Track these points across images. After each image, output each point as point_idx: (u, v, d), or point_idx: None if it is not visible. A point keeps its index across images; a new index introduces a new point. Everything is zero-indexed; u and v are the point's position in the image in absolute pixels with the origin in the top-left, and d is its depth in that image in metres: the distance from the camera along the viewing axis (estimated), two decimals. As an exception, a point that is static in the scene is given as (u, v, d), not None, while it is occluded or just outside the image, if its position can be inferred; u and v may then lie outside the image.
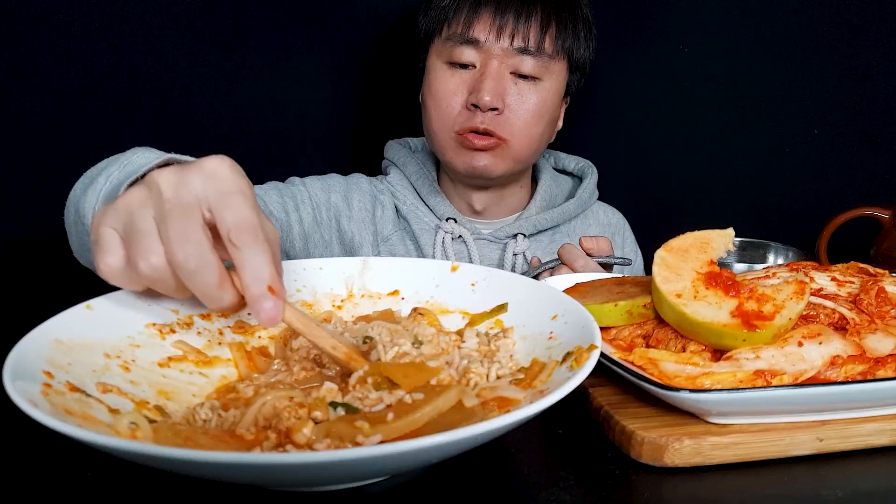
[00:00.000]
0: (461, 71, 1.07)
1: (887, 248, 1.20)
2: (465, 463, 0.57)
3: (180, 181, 0.51)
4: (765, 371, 0.60)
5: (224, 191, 0.51)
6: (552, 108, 1.12)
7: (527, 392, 0.57)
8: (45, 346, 0.56)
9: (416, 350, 0.61)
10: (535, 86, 1.08)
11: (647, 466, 0.58)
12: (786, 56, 1.46)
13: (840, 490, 0.55)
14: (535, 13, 1.05)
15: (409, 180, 1.20)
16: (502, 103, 1.06)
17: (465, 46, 1.06)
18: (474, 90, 1.05)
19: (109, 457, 0.47)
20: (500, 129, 1.07)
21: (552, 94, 1.10)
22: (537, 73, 1.07)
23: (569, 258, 0.96)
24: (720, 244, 0.71)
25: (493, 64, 1.05)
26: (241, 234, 0.50)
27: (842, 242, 1.24)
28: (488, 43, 1.05)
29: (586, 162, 1.28)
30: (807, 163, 1.51)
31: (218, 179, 0.51)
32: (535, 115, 1.08)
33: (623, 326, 0.70)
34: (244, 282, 0.51)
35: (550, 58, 1.07)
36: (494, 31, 1.04)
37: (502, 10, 1.04)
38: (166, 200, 0.51)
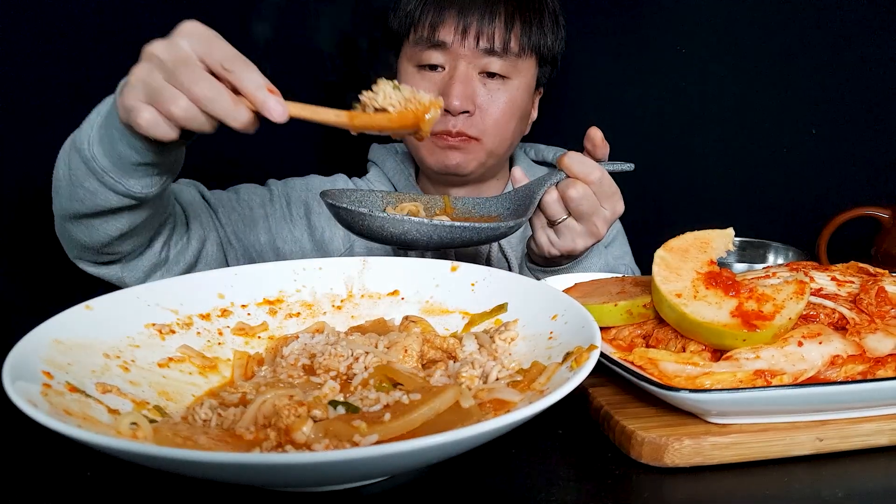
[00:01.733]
0: (430, 73, 1.08)
1: (887, 248, 1.20)
2: (465, 463, 0.57)
3: (170, 45, 0.65)
4: (765, 371, 0.60)
5: (205, 38, 0.65)
6: (523, 104, 1.12)
7: (524, 395, 0.57)
8: (45, 346, 0.56)
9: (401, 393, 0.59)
10: (504, 84, 1.08)
11: (647, 466, 0.58)
12: (786, 56, 1.46)
13: (840, 490, 0.55)
14: (499, 13, 1.04)
15: (387, 177, 1.22)
16: (472, 105, 1.06)
17: (433, 50, 1.06)
18: (443, 94, 1.05)
19: (109, 457, 0.47)
20: (472, 129, 1.08)
21: (522, 91, 1.11)
22: (505, 71, 1.07)
23: (583, 171, 0.86)
24: (720, 244, 0.71)
25: (460, 66, 1.05)
26: (231, 62, 0.65)
27: (842, 242, 1.24)
28: (454, 45, 1.05)
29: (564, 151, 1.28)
30: (807, 163, 1.51)
31: (197, 35, 0.66)
32: (505, 114, 1.09)
33: (623, 326, 0.70)
34: (248, 92, 0.65)
35: (518, 56, 1.07)
36: (459, 33, 1.04)
37: (466, 11, 1.04)
38: (166, 61, 0.65)
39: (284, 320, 0.73)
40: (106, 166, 0.76)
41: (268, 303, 0.74)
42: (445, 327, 0.73)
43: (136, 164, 0.75)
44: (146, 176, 0.78)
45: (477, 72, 1.07)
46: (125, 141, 0.73)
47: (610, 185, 0.88)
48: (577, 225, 0.89)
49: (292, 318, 0.74)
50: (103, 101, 0.78)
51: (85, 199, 0.79)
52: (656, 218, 1.49)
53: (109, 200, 0.78)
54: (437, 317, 0.73)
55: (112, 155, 0.75)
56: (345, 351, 0.63)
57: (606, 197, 0.87)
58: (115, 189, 0.77)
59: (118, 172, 0.76)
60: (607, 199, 0.88)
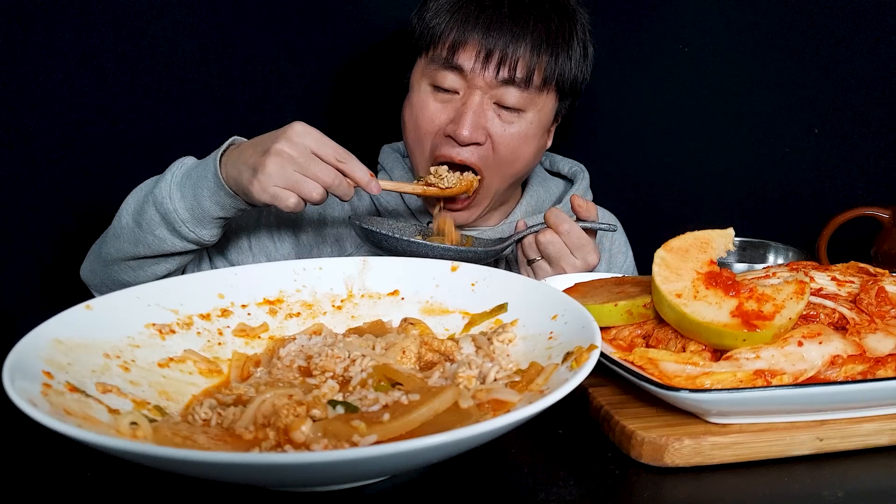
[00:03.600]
0: (444, 95, 1.03)
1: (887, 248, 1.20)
2: (465, 463, 0.57)
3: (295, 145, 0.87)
4: (765, 371, 0.60)
5: (317, 138, 0.88)
6: (535, 139, 1.06)
7: (522, 395, 0.57)
8: (45, 346, 0.56)
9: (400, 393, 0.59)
10: (518, 118, 1.03)
11: (647, 466, 0.58)
12: (786, 56, 1.46)
13: (840, 490, 0.55)
14: (526, 42, 0.99)
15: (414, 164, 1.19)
16: (483, 136, 1.02)
17: (449, 72, 1.01)
18: (454, 121, 1.01)
19: (109, 457, 0.47)
20: (478, 160, 1.03)
21: (536, 126, 1.04)
22: (522, 104, 1.01)
23: (555, 221, 0.95)
24: (720, 244, 0.71)
25: (475, 96, 1.00)
26: (342, 156, 0.90)
27: (842, 242, 1.23)
28: (473, 72, 0.99)
29: (580, 166, 1.25)
30: (807, 163, 1.51)
31: (311, 134, 0.88)
32: (515, 149, 1.04)
33: (623, 326, 0.70)
34: (356, 177, 0.90)
35: (538, 89, 1.01)
36: (481, 59, 0.98)
37: (492, 37, 0.97)
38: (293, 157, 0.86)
39: (285, 320, 0.73)
40: (185, 218, 0.92)
41: (268, 303, 0.74)
42: (445, 327, 0.73)
43: (216, 218, 0.93)
44: (217, 227, 0.95)
45: (492, 101, 1.01)
46: (214, 200, 0.90)
47: (579, 237, 0.96)
48: (547, 266, 0.98)
49: (292, 318, 0.74)
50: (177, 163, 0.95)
51: (152, 243, 0.94)
52: (656, 218, 1.49)
53: (175, 245, 0.94)
54: (437, 317, 0.73)
55: (195, 210, 0.91)
56: (342, 353, 0.63)
57: (576, 247, 0.96)
58: (186, 237, 0.93)
59: (194, 223, 0.92)
60: (577, 249, 0.96)
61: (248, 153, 0.88)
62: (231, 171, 0.89)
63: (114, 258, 0.98)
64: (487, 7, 0.99)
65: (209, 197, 0.90)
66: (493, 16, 0.99)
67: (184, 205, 0.91)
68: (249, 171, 0.87)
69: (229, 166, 0.90)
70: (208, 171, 0.90)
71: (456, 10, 1.00)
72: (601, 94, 1.45)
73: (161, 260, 0.97)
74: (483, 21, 0.99)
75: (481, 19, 0.99)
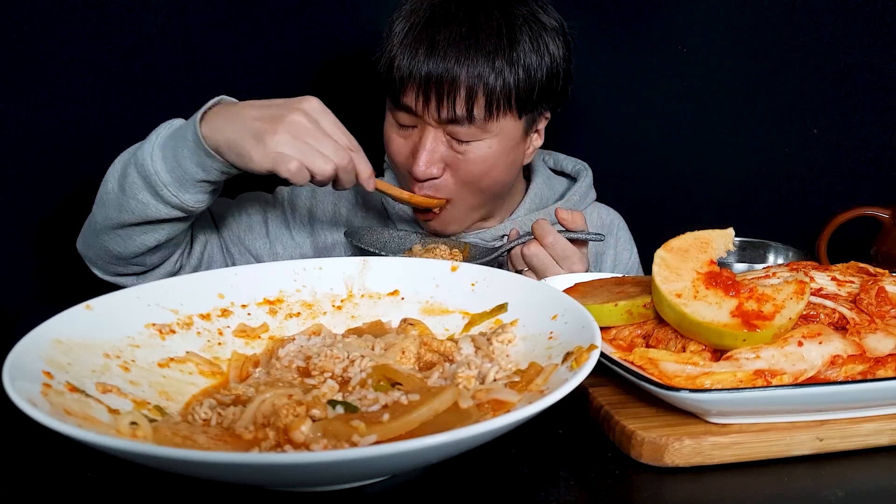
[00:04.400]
0: (405, 131, 1.05)
1: (887, 248, 1.20)
2: (465, 463, 0.57)
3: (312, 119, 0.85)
4: (765, 371, 0.60)
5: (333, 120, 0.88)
6: (502, 158, 1.05)
7: (522, 395, 0.57)
8: (45, 346, 0.56)
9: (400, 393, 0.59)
10: (476, 145, 1.02)
11: (647, 466, 0.58)
12: (787, 56, 1.46)
13: (840, 490, 0.55)
14: (459, 86, 0.97)
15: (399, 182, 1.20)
16: (440, 169, 1.02)
17: (401, 111, 1.03)
18: (412, 156, 1.02)
19: (109, 457, 0.47)
20: (439, 192, 1.04)
21: (499, 147, 1.03)
22: (474, 136, 1.01)
23: (540, 233, 0.95)
24: (720, 244, 0.71)
25: (428, 133, 1.01)
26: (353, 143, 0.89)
27: (842, 242, 1.24)
28: (420, 111, 1.00)
29: (583, 164, 1.26)
30: (807, 163, 1.51)
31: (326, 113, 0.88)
32: (477, 173, 1.03)
33: (623, 326, 0.70)
34: (361, 169, 0.90)
35: (486, 120, 1.00)
36: (422, 100, 0.99)
37: (425, 84, 0.98)
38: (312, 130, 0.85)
39: (285, 320, 0.73)
40: (167, 180, 0.87)
41: (268, 303, 0.74)
42: (445, 327, 0.73)
43: (198, 181, 0.88)
44: (201, 192, 0.90)
45: (445, 134, 1.02)
46: (196, 160, 0.86)
47: (564, 248, 0.95)
48: (534, 276, 0.97)
49: (292, 318, 0.74)
50: (164, 125, 0.91)
51: (135, 209, 0.90)
52: (656, 218, 1.49)
53: (160, 212, 0.90)
54: (437, 317, 0.74)
55: (176, 171, 0.87)
56: (341, 353, 0.63)
57: (561, 258, 0.95)
58: (169, 202, 0.89)
59: (177, 186, 0.88)
60: (562, 260, 0.95)
61: (252, 117, 0.84)
62: (225, 132, 0.84)
63: (102, 227, 0.95)
64: (423, 39, 0.99)
65: (189, 157, 0.86)
66: (428, 49, 0.98)
67: (165, 166, 0.87)
68: (253, 137, 0.83)
69: (221, 126, 0.84)
70: (188, 131, 0.86)
71: (399, 50, 1.00)
72: (601, 95, 1.46)
73: (149, 228, 0.93)
74: (419, 60, 0.98)
75: (417, 59, 0.98)
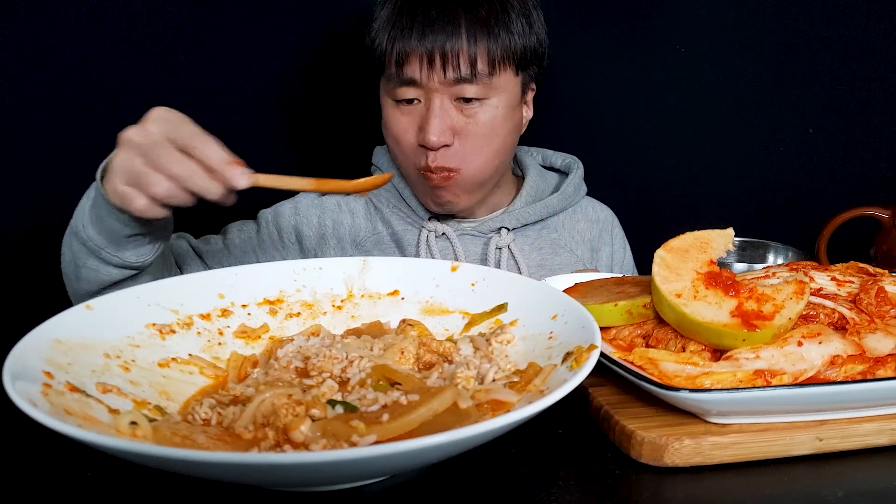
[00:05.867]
0: (408, 107, 1.05)
1: (887, 248, 1.20)
2: (465, 463, 0.57)
3: (142, 130, 0.72)
4: (765, 371, 0.60)
5: (172, 121, 0.72)
6: (507, 120, 1.08)
7: (521, 395, 0.57)
8: (45, 346, 0.56)
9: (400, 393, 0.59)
10: (482, 106, 1.05)
11: (647, 466, 0.58)
12: (785, 55, 1.46)
13: (840, 490, 0.55)
14: (461, 36, 1.00)
15: (392, 183, 1.19)
16: (451, 137, 1.04)
17: (404, 86, 1.04)
18: (421, 129, 1.04)
19: (109, 457, 0.47)
20: (451, 161, 1.05)
21: (503, 108, 1.06)
22: (482, 94, 1.03)
23: None
24: (720, 244, 0.71)
25: (434, 100, 1.02)
26: (194, 140, 0.71)
27: (842, 242, 1.23)
28: (424, 79, 1.02)
29: (573, 158, 1.26)
30: (807, 163, 1.51)
31: (164, 118, 0.73)
32: (486, 137, 1.06)
33: (623, 326, 0.70)
34: (213, 165, 0.71)
35: (489, 76, 1.03)
36: (426, 66, 1.00)
37: (428, 41, 1.00)
38: (141, 145, 0.71)
39: (285, 320, 0.73)
40: (101, 243, 0.83)
41: (268, 303, 0.74)
42: (445, 327, 0.73)
43: (128, 237, 0.82)
44: (140, 246, 0.85)
45: (452, 100, 1.04)
46: (113, 217, 0.79)
47: None
48: None
49: (292, 318, 0.74)
50: (91, 186, 0.84)
51: (90, 277, 0.86)
52: (656, 218, 1.49)
53: (111, 274, 0.86)
54: (437, 317, 0.74)
55: (104, 232, 0.82)
56: (340, 354, 0.63)
57: None
58: (112, 262, 0.84)
59: (113, 247, 0.83)
60: None
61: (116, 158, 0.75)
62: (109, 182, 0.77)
63: (76, 299, 0.92)
64: (417, 14, 1.01)
65: (108, 215, 0.79)
66: (423, 21, 1.01)
67: (95, 230, 0.82)
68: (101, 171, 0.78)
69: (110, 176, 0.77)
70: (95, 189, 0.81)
71: (390, 25, 1.03)
72: (600, 95, 1.46)
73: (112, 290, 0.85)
74: (417, 29, 1.01)
75: (415, 28, 1.01)
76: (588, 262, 1.22)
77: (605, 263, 1.24)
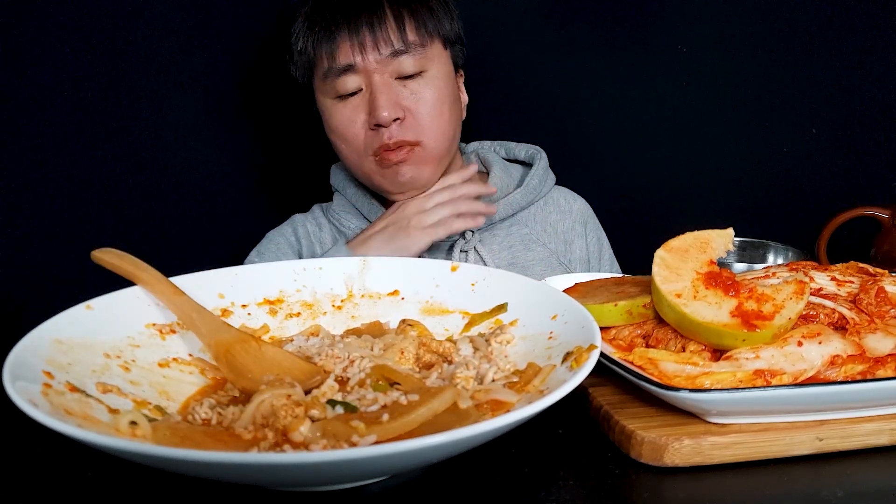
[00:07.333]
0: (351, 99, 1.06)
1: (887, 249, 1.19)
2: (465, 463, 0.57)
3: None
4: (764, 371, 0.60)
5: None
6: (449, 91, 1.10)
7: (521, 395, 0.57)
8: (45, 346, 0.56)
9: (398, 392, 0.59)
10: (423, 80, 1.07)
11: (647, 466, 0.58)
12: (785, 55, 1.46)
13: (840, 490, 0.55)
14: (386, 15, 1.04)
15: (351, 203, 1.20)
16: (401, 111, 1.05)
17: (343, 76, 1.05)
18: (371, 111, 1.04)
19: (109, 457, 0.47)
20: (408, 134, 1.06)
21: (442, 79, 1.09)
22: (420, 66, 1.06)
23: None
24: (720, 244, 0.71)
25: (375, 80, 1.04)
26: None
27: (842, 242, 1.23)
28: (360, 63, 1.04)
29: (536, 148, 1.25)
30: (806, 163, 1.51)
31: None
32: (435, 107, 1.07)
33: (623, 326, 0.70)
34: None
35: (423, 46, 1.06)
36: (358, 50, 1.03)
37: (355, 27, 1.03)
38: None
39: (285, 320, 0.73)
40: None
41: (268, 303, 0.74)
42: (445, 327, 0.73)
43: None
44: None
45: (394, 77, 1.05)
46: None
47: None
48: None
49: (293, 318, 0.74)
50: None
51: None
52: (656, 218, 1.49)
53: None
54: (437, 317, 0.74)
55: None
56: (341, 353, 0.63)
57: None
58: None
59: None
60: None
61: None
62: None
63: None
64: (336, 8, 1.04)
65: None
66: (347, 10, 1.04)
67: None
68: None
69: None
70: None
71: (312, 26, 1.06)
72: (600, 95, 1.46)
73: None
74: (341, 19, 1.03)
75: (339, 19, 1.04)
76: (562, 255, 1.21)
77: (580, 256, 1.22)
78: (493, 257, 1.15)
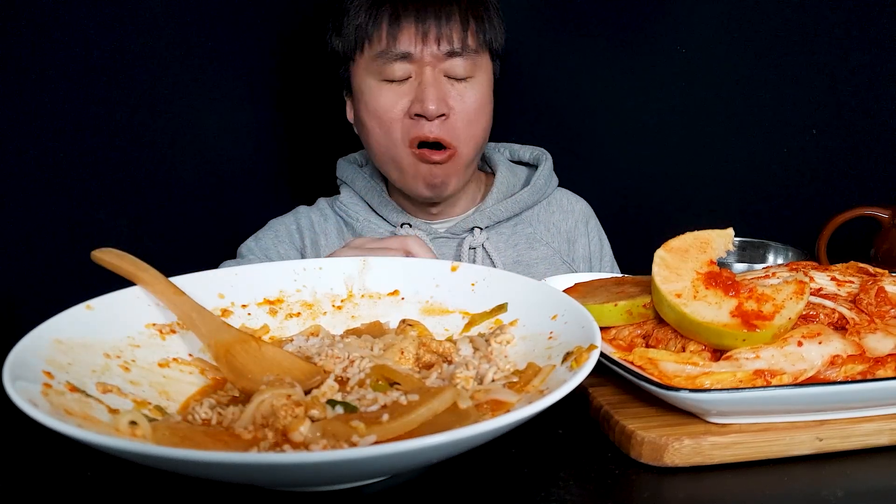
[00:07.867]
0: (396, 86, 1.06)
1: (887, 248, 1.19)
2: (465, 463, 0.57)
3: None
4: (764, 371, 0.60)
5: None
6: (489, 101, 1.12)
7: (521, 395, 0.57)
8: (45, 346, 0.56)
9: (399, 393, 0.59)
10: (469, 84, 1.08)
11: (647, 466, 0.58)
12: (786, 55, 1.46)
13: (840, 490, 0.55)
14: (454, 14, 1.05)
15: (360, 195, 1.19)
16: (447, 108, 1.06)
17: (397, 62, 1.05)
18: (417, 100, 1.04)
19: (109, 457, 0.47)
20: (448, 134, 1.06)
21: (486, 89, 1.10)
22: (469, 71, 1.07)
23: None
24: (720, 244, 0.71)
25: (427, 72, 1.04)
26: None
27: (842, 242, 1.23)
28: (418, 53, 1.04)
29: (541, 150, 1.27)
30: (806, 163, 1.51)
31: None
32: (476, 113, 1.09)
33: (623, 326, 0.70)
34: None
35: (476, 53, 1.07)
36: (420, 39, 1.03)
37: (423, 17, 1.03)
38: None
39: (285, 320, 0.73)
40: None
41: (268, 303, 0.74)
42: (445, 327, 0.73)
43: None
44: None
45: (443, 75, 1.06)
46: None
47: None
48: None
49: (293, 318, 0.74)
50: None
51: None
52: (656, 218, 1.49)
53: None
54: (437, 317, 0.74)
55: None
56: (341, 353, 0.63)
57: None
58: None
59: None
60: None
61: None
62: None
63: None
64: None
65: None
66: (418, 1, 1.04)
67: None
68: None
69: None
70: None
71: (378, 4, 1.05)
72: (601, 95, 1.46)
73: None
74: (411, 5, 1.04)
75: (408, 4, 1.04)
76: (565, 254, 1.22)
77: (582, 255, 1.24)
78: (499, 255, 1.17)
